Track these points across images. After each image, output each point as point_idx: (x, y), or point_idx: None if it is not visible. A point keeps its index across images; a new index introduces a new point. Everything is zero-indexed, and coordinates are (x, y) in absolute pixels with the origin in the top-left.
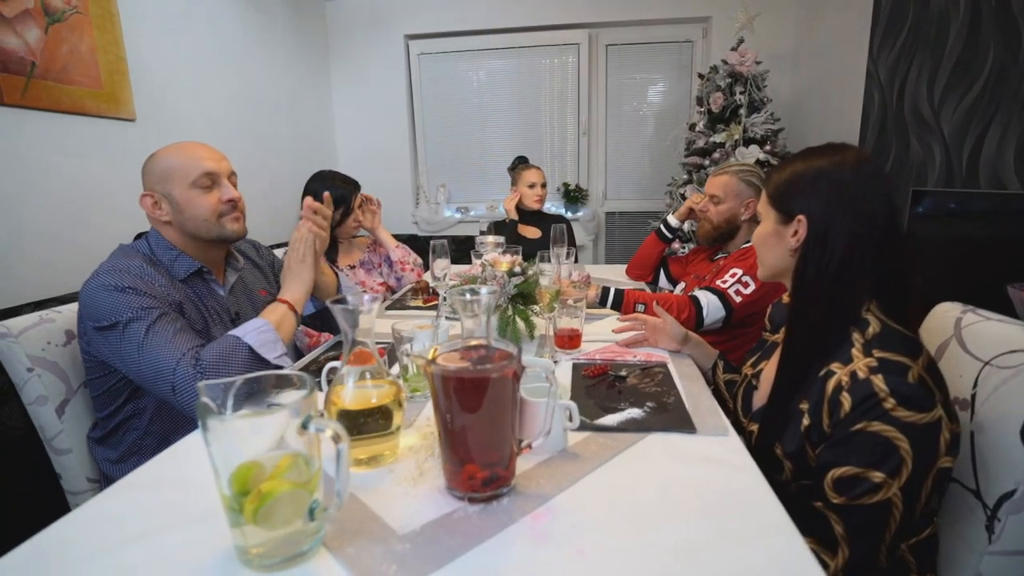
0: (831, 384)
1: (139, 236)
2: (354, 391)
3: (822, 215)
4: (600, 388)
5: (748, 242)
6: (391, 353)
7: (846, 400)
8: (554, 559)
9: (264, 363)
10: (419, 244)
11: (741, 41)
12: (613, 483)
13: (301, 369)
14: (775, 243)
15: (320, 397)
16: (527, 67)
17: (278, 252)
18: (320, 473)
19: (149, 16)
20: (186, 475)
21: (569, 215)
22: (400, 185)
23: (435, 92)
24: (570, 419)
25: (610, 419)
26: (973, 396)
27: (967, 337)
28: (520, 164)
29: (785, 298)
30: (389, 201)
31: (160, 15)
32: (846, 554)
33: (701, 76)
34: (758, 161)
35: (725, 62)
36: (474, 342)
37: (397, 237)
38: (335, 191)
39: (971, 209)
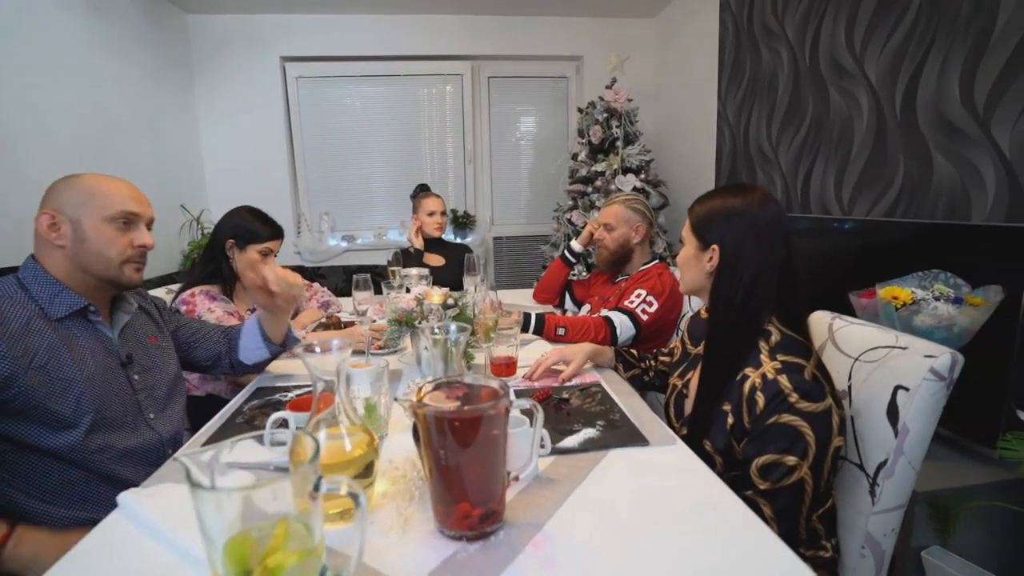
0: (747, 386)
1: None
2: (327, 443)
3: (733, 246)
4: (549, 412)
5: (646, 263)
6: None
7: (760, 398)
8: None
9: None
10: (305, 275)
11: (614, 80)
12: (592, 502)
13: (224, 425)
14: (694, 265)
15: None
16: (409, 95)
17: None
18: (324, 536)
19: None
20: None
21: (458, 241)
22: (279, 213)
23: (315, 117)
24: (542, 445)
25: (571, 441)
26: (849, 387)
27: (839, 339)
28: (421, 192)
29: (703, 313)
30: None
31: None
32: (776, 531)
33: (580, 110)
34: (635, 188)
35: (602, 98)
36: (447, 379)
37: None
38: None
39: (807, 230)
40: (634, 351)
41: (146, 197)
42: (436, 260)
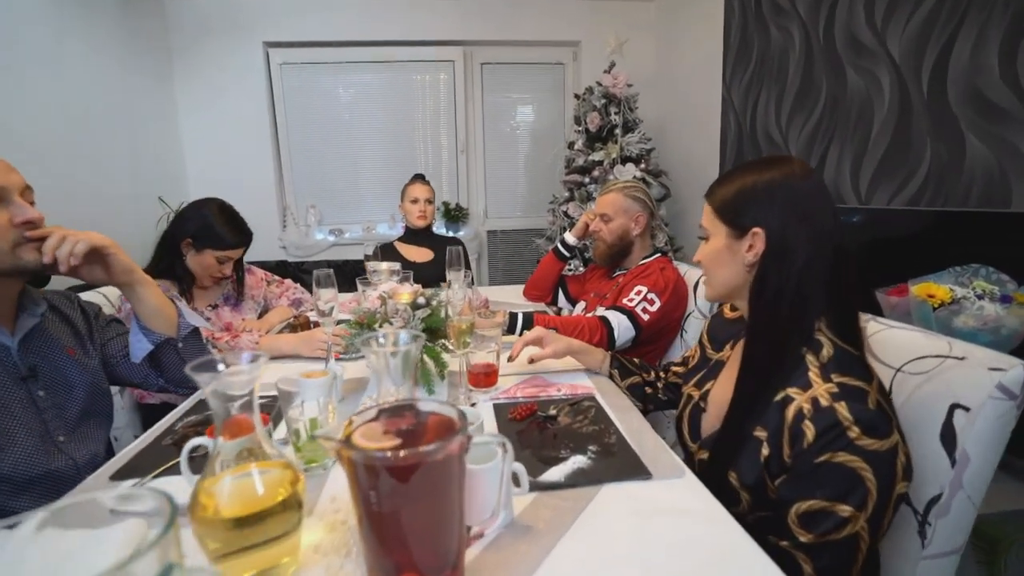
0: (791, 411)
1: None
2: (234, 485)
3: (780, 227)
4: (532, 433)
5: (647, 257)
6: (276, 413)
7: (809, 429)
8: None
9: None
10: (289, 271)
11: (613, 64)
12: (582, 559)
13: (147, 448)
14: (728, 259)
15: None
16: (399, 82)
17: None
18: None
19: None
20: None
21: (450, 235)
22: (264, 206)
23: (301, 106)
24: (517, 484)
25: (556, 473)
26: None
27: (875, 345)
28: (410, 180)
29: (727, 312)
30: (253, 225)
31: None
32: None
33: (577, 96)
34: (635, 178)
35: (599, 84)
36: (394, 402)
37: (264, 265)
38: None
39: None
40: (635, 359)
41: (6, 162)
42: (422, 254)
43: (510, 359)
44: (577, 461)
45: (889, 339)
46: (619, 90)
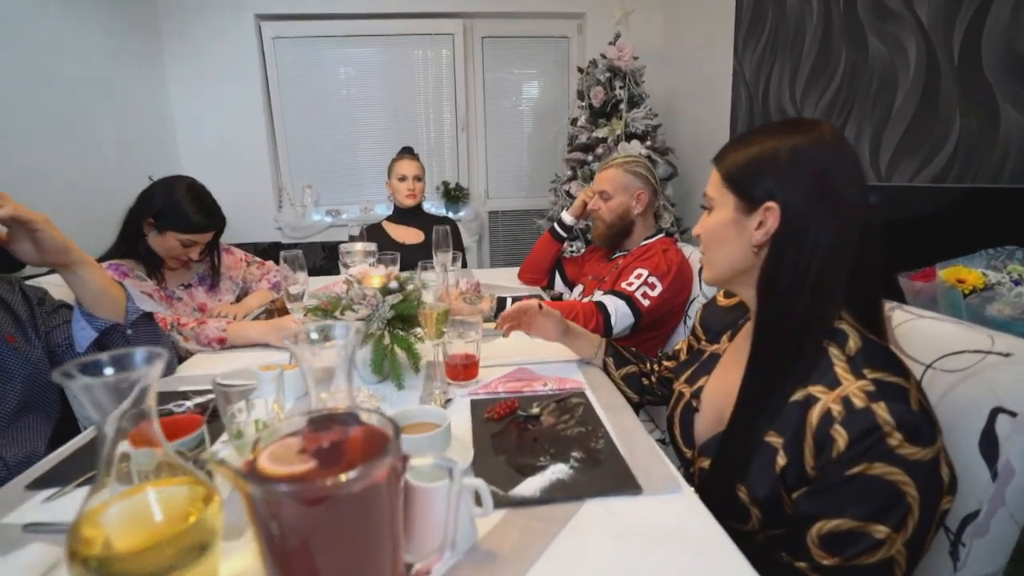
0: (815, 414)
1: None
2: (124, 509)
3: (800, 203)
4: (509, 436)
5: (649, 237)
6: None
7: (840, 435)
8: None
9: None
10: (276, 254)
11: (618, 36)
12: None
13: (81, 451)
14: (734, 236)
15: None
16: (399, 58)
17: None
18: None
19: None
20: None
21: (451, 216)
22: (259, 186)
23: (296, 82)
24: (478, 503)
25: (530, 485)
26: None
27: (901, 337)
28: (398, 155)
29: (721, 299)
30: (248, 205)
31: None
32: None
33: (580, 70)
34: (640, 155)
35: (604, 56)
36: (323, 412)
37: (257, 246)
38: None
39: None
40: (632, 348)
41: None
42: (412, 235)
43: (499, 327)
44: (557, 471)
45: (918, 331)
46: (624, 63)
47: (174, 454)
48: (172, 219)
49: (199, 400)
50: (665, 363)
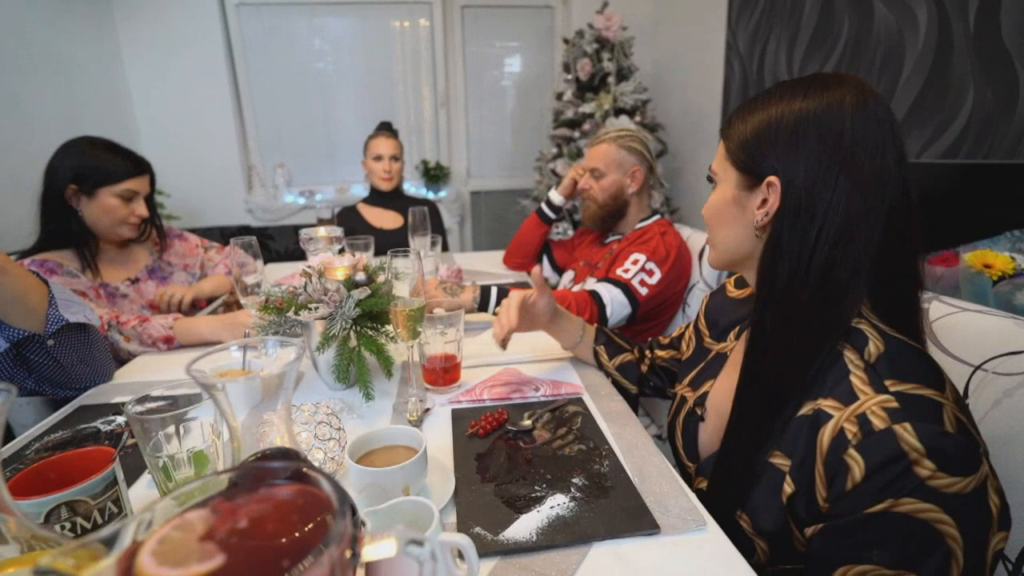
0: (826, 434)
1: None
2: None
3: (807, 178)
4: (497, 457)
5: (645, 219)
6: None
7: (856, 463)
8: None
9: None
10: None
11: (606, 5)
12: None
13: None
14: (735, 216)
15: None
16: (375, 29)
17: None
18: None
19: None
20: None
21: (431, 196)
22: (226, 165)
23: (263, 53)
24: (460, 557)
25: (524, 525)
26: None
27: (942, 334)
28: (374, 132)
29: (731, 289)
30: (215, 186)
31: None
32: None
33: (566, 41)
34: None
35: (591, 26)
36: (250, 459)
37: (225, 231)
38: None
39: None
40: (623, 335)
41: None
42: (390, 219)
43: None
44: (556, 504)
45: (963, 326)
46: (612, 33)
47: (33, 523)
48: (94, 174)
49: (118, 421)
50: (658, 351)
